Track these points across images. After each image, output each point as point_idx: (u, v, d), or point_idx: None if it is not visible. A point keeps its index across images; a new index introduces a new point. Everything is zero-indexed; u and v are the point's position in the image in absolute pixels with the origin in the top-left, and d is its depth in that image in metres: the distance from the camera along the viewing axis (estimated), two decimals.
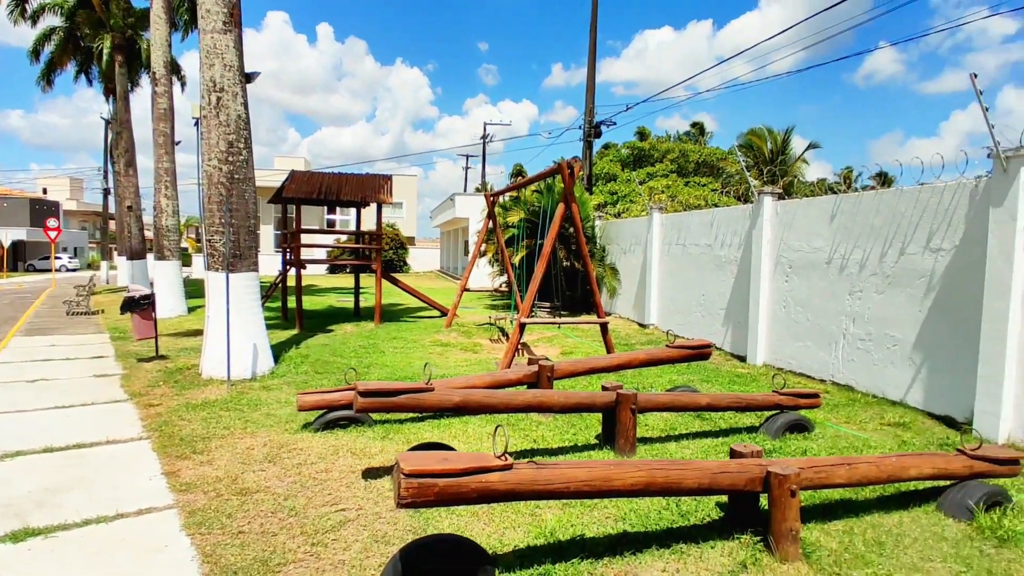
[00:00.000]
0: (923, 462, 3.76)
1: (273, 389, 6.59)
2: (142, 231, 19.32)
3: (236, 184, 7.19)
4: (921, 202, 6.32)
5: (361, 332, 11.19)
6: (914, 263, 6.38)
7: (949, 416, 5.91)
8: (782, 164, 32.53)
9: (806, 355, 7.94)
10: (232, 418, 5.47)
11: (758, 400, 5.33)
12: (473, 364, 8.44)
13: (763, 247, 8.68)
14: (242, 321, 7.12)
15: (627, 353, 6.28)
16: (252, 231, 7.44)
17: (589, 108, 17.69)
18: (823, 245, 7.67)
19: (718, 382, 7.46)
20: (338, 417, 5.14)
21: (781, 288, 8.42)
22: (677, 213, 11.86)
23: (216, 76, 7.05)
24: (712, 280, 10.17)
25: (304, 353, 8.69)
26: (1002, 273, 5.33)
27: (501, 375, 5.65)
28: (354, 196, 12.01)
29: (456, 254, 35.41)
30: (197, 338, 10.19)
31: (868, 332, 6.94)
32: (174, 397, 6.25)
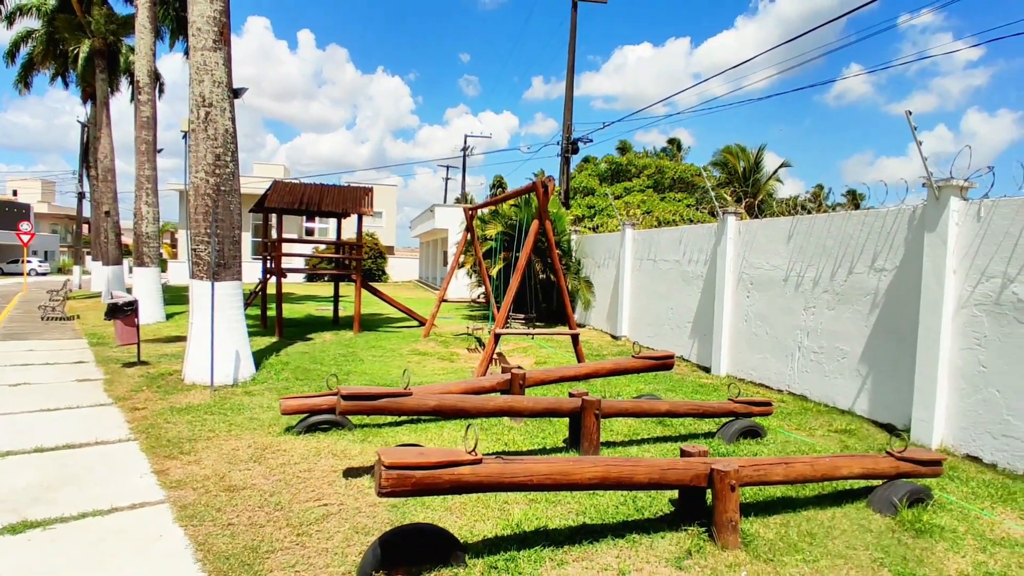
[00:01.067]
0: (854, 463, 4.18)
1: (255, 395, 6.82)
2: (119, 237, 19.26)
3: (222, 196, 7.43)
4: (867, 225, 6.84)
5: (340, 341, 11.42)
6: (860, 282, 6.89)
7: (891, 424, 6.39)
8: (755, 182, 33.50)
9: (766, 367, 8.40)
10: (217, 421, 5.70)
11: (714, 407, 5.74)
12: (450, 373, 8.74)
13: (727, 264, 9.16)
14: (225, 328, 7.33)
15: (595, 363, 6.66)
16: (236, 241, 7.68)
17: (567, 125, 18.21)
18: (781, 263, 8.16)
19: (682, 391, 7.88)
20: (320, 421, 5.41)
21: (743, 303, 8.90)
22: (648, 229, 12.34)
23: (205, 92, 7.31)
24: (680, 294, 10.64)
25: (284, 360, 8.91)
26: (935, 292, 5.84)
27: (476, 382, 5.98)
28: (335, 207, 12.26)
29: (435, 264, 35.65)
30: (177, 344, 10.33)
31: (820, 345, 7.42)
32: (158, 401, 6.45)
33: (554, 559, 3.30)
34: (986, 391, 5.42)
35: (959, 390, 5.66)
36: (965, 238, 5.68)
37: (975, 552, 3.63)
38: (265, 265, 13.29)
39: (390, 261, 37.93)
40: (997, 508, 4.37)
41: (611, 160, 32.92)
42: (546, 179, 7.39)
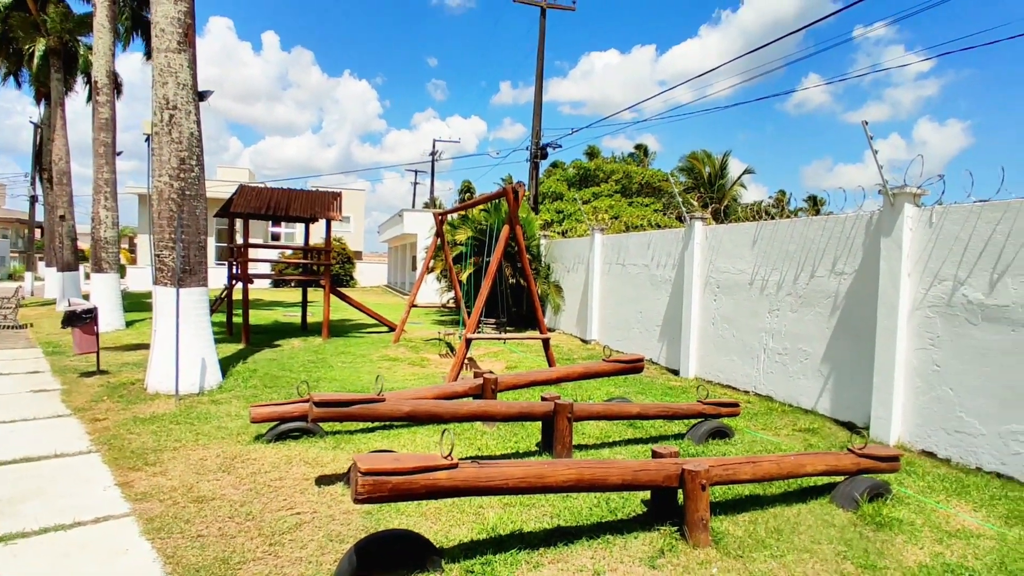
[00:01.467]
0: (817, 460, 4.32)
1: (223, 403, 6.68)
2: (75, 242, 18.61)
3: (187, 200, 7.28)
4: (827, 230, 7.08)
5: (309, 347, 11.26)
6: (822, 285, 7.12)
7: (851, 422, 6.61)
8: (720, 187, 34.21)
9: (732, 368, 8.60)
10: (183, 431, 5.57)
11: (684, 409, 5.85)
12: (421, 378, 8.71)
13: (694, 268, 9.36)
14: (190, 336, 7.17)
15: (566, 367, 6.72)
16: (202, 247, 7.52)
17: (536, 131, 18.34)
18: (746, 267, 8.37)
19: (652, 394, 8.01)
20: (290, 429, 5.34)
21: (710, 306, 9.09)
22: (617, 234, 12.52)
23: (169, 94, 7.15)
24: (649, 298, 10.81)
25: (252, 368, 8.74)
26: (891, 295, 6.08)
27: (448, 387, 5.97)
28: (303, 212, 12.11)
29: (404, 269, 35.40)
30: (138, 352, 10.05)
31: (785, 347, 7.64)
32: (120, 412, 6.26)
33: (530, 561, 3.33)
34: (940, 389, 5.66)
35: (915, 388, 5.89)
36: (919, 243, 5.93)
37: (932, 544, 3.79)
38: (231, 271, 13.02)
39: (358, 266, 37.52)
40: (952, 501, 4.57)
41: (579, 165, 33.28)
42: (516, 184, 7.45)
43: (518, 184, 7.44)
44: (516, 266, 14.17)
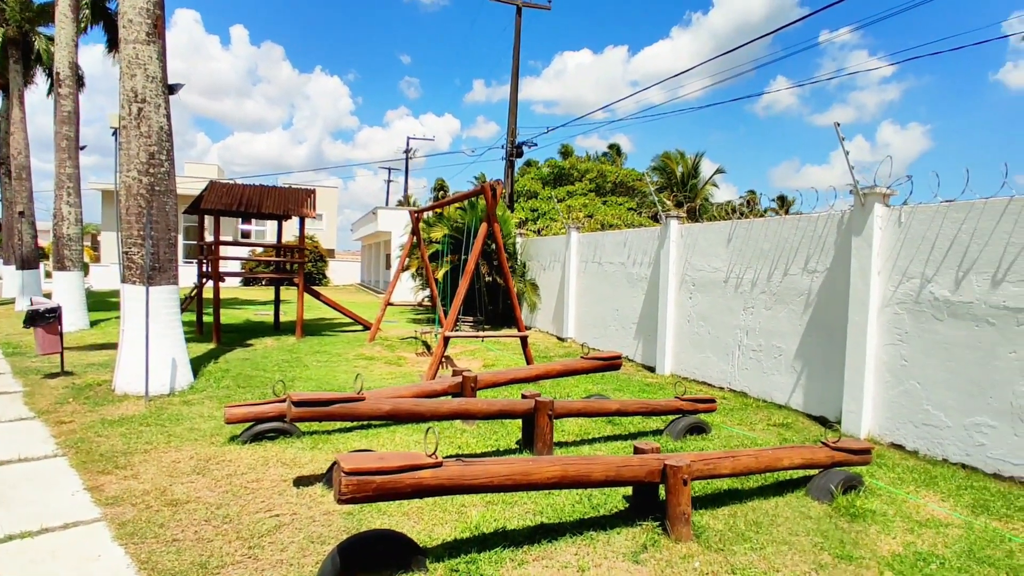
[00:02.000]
0: (794, 454, 4.41)
1: (195, 404, 6.52)
2: (35, 239, 17.99)
3: (156, 196, 7.08)
4: (800, 229, 7.22)
5: (283, 346, 11.07)
6: (795, 283, 7.26)
7: (823, 416, 6.76)
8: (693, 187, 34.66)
9: (708, 365, 8.72)
10: (154, 433, 5.42)
11: (661, 405, 5.91)
12: (398, 377, 8.63)
13: (670, 266, 9.46)
14: (160, 335, 6.98)
15: (544, 364, 6.73)
16: (172, 244, 7.33)
17: (511, 129, 18.33)
18: (721, 265, 8.50)
19: (629, 391, 8.07)
20: (266, 429, 5.24)
21: (686, 304, 9.20)
22: (593, 232, 12.59)
23: (138, 87, 6.95)
24: (625, 296, 10.90)
25: (224, 368, 8.56)
26: (861, 291, 6.23)
27: (427, 386, 5.93)
28: (276, 209, 11.90)
29: (378, 268, 35.07)
30: (103, 352, 9.75)
31: (759, 344, 7.77)
32: (87, 414, 6.06)
33: (514, 559, 3.32)
34: (907, 383, 5.83)
35: (884, 383, 6.05)
36: (888, 241, 6.09)
37: (904, 533, 3.90)
38: (201, 269, 12.73)
39: (331, 264, 37.05)
40: (921, 492, 4.70)
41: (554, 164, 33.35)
42: (494, 182, 7.43)
43: (496, 181, 7.42)
44: (493, 264, 14.15)
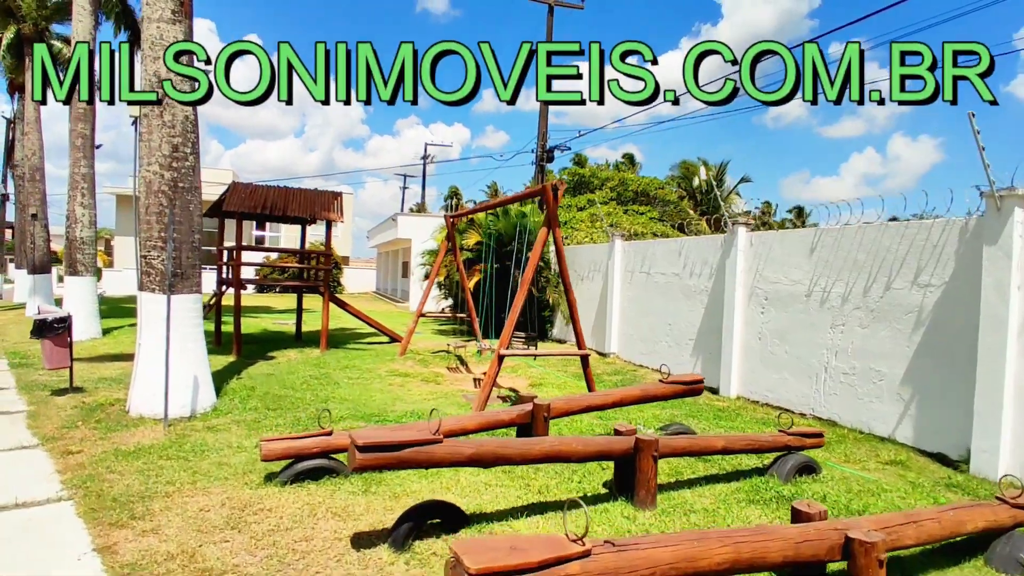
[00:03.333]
0: (976, 515, 3.51)
1: (220, 430, 5.70)
2: (48, 243, 17.37)
3: (180, 194, 6.31)
4: (907, 238, 6.33)
5: (308, 360, 10.26)
6: (900, 298, 6.36)
7: (942, 454, 5.84)
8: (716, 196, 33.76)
9: (784, 388, 7.81)
10: (176, 469, 4.59)
11: (768, 441, 5.03)
12: (439, 397, 7.79)
13: (737, 277, 8.58)
14: (181, 349, 6.18)
15: (620, 390, 5.87)
16: (196, 247, 6.55)
17: (542, 132, 17.56)
18: (802, 277, 7.61)
19: (703, 417, 7.18)
20: (310, 468, 4.40)
21: (756, 320, 8.31)
22: (641, 241, 11.74)
23: (161, 71, 6.19)
24: (680, 310, 10.01)
25: (248, 385, 7.74)
26: (997, 308, 5.33)
27: (492, 416, 5.09)
28: (302, 212, 11.14)
29: (394, 276, 34.33)
30: (117, 365, 8.98)
31: (852, 366, 6.87)
32: (98, 441, 5.25)
33: None
34: None
35: None
36: None
37: None
38: (220, 275, 11.97)
39: (345, 272, 36.37)
40: None
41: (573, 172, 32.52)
42: (557, 181, 6.61)
43: (559, 180, 6.60)
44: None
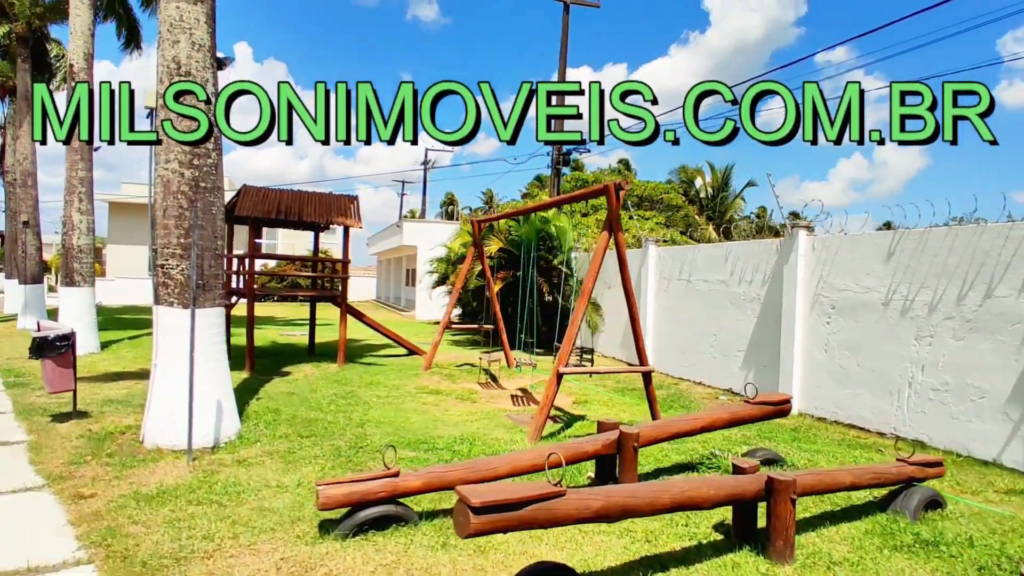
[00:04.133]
0: None
1: (252, 464, 4.97)
2: (40, 251, 16.53)
3: (202, 194, 5.60)
4: (1013, 239, 5.72)
5: (327, 376, 9.52)
6: (1004, 307, 5.75)
7: None
8: (723, 200, 33.32)
9: (857, 404, 7.17)
10: (211, 518, 3.86)
11: (892, 474, 4.38)
12: (480, 418, 7.09)
13: (797, 285, 7.96)
14: (203, 370, 5.45)
15: (708, 413, 5.19)
16: (219, 254, 5.84)
17: None
18: (877, 285, 6.99)
19: (777, 438, 6.53)
20: (375, 516, 3.69)
21: (821, 330, 7.68)
22: (678, 246, 11.14)
23: (181, 56, 5.50)
24: (727, 319, 9.38)
25: (271, 407, 7.01)
26: None
27: (576, 448, 4.40)
28: (318, 217, 10.43)
29: (396, 283, 33.59)
30: (121, 384, 8.21)
31: (944, 381, 6.24)
32: (113, 482, 4.51)
33: None
34: None
35: None
36: None
37: None
38: (228, 285, 11.20)
39: None
40: None
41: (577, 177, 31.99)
42: (620, 180, 5.97)
43: (622, 179, 5.97)
44: (552, 281, 12.65)
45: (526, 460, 4.15)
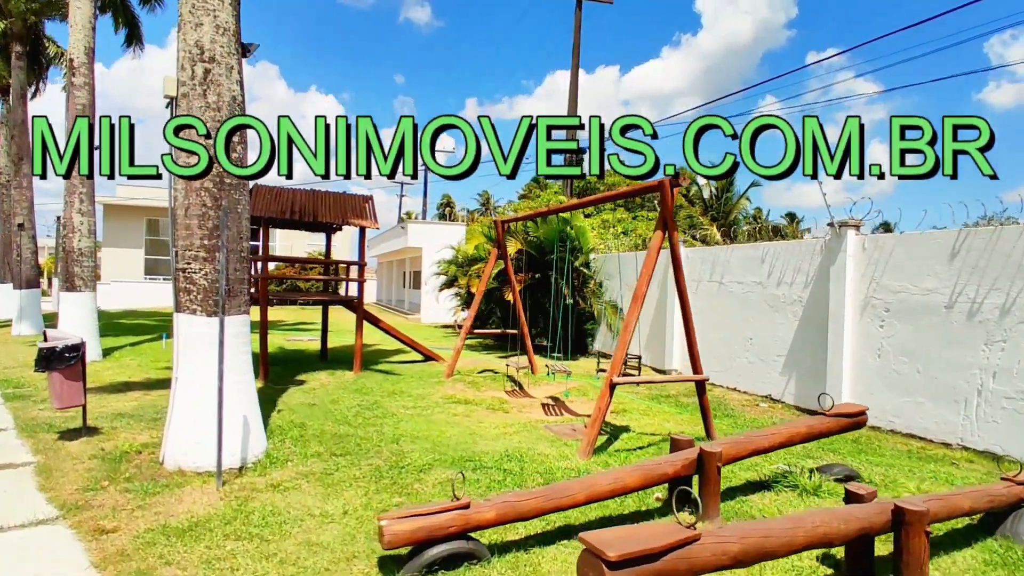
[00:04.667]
0: None
1: (288, 488, 4.50)
2: (35, 255, 15.97)
3: (227, 191, 5.14)
4: None
5: (344, 384, 9.05)
6: None
7: None
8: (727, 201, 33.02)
9: (916, 413, 6.77)
10: (254, 556, 3.40)
11: (1003, 496, 3.96)
12: (518, 430, 6.64)
13: (845, 287, 7.56)
14: (228, 384, 4.97)
15: (785, 428, 4.77)
16: (244, 257, 5.38)
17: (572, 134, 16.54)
18: (939, 286, 6.60)
19: (839, 450, 6.12)
20: (446, 553, 3.24)
21: (874, 334, 7.28)
22: (709, 247, 10.73)
23: (204, 40, 5.04)
24: (764, 322, 8.97)
25: (295, 421, 6.54)
26: None
27: (654, 468, 3.97)
28: (333, 218, 9.96)
29: (398, 286, 33.09)
30: (130, 396, 7.72)
31: (1020, 390, 5.84)
32: (136, 512, 4.03)
33: None
34: None
35: None
36: None
37: None
38: None
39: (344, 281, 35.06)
40: None
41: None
42: (681, 170, 5.54)
43: (681, 170, 5.53)
44: (574, 283, 12.22)
45: (604, 486, 3.72)
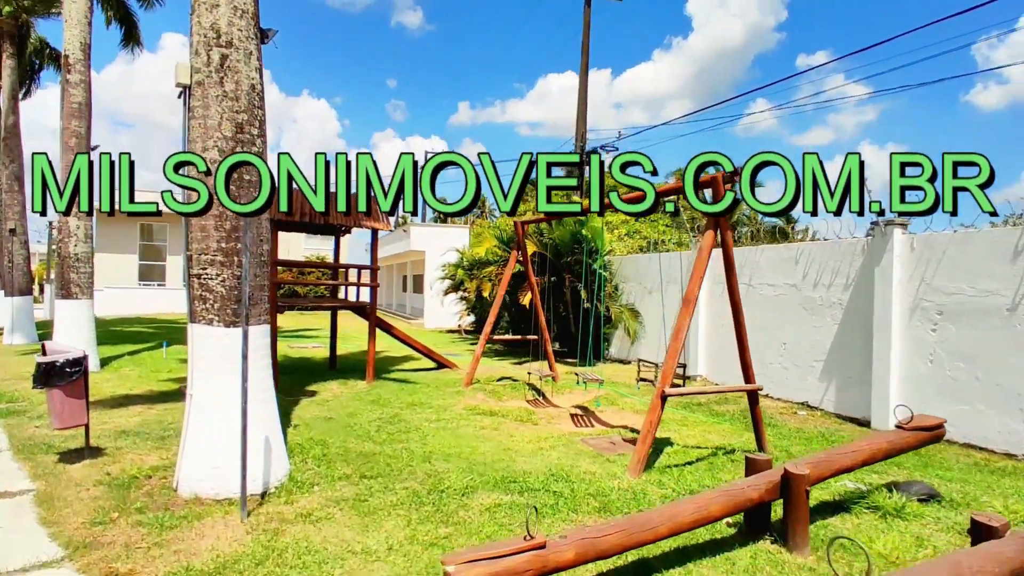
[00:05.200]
0: None
1: (320, 519, 4.04)
2: (28, 261, 15.41)
3: (246, 188, 4.68)
4: None
5: (358, 395, 8.58)
6: None
7: None
8: None
9: (975, 422, 6.39)
10: None
11: None
12: (553, 444, 6.20)
13: (892, 288, 7.17)
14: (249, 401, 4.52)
15: (867, 443, 4.35)
16: (264, 263, 4.92)
17: (581, 133, 16.17)
18: (999, 287, 6.22)
19: (906, 463, 5.70)
20: None
21: (925, 338, 6.89)
22: (737, 247, 10.31)
23: (221, 23, 4.59)
24: (800, 327, 8.57)
25: (315, 438, 6.08)
26: None
27: (739, 494, 3.54)
28: (345, 220, 9.50)
29: (397, 290, 32.58)
30: (133, 411, 7.23)
31: None
32: (152, 549, 3.56)
33: None
34: None
35: None
36: None
37: None
38: None
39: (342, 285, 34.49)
40: None
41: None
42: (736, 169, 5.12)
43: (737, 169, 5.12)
44: (592, 287, 11.79)
45: (687, 516, 3.29)
